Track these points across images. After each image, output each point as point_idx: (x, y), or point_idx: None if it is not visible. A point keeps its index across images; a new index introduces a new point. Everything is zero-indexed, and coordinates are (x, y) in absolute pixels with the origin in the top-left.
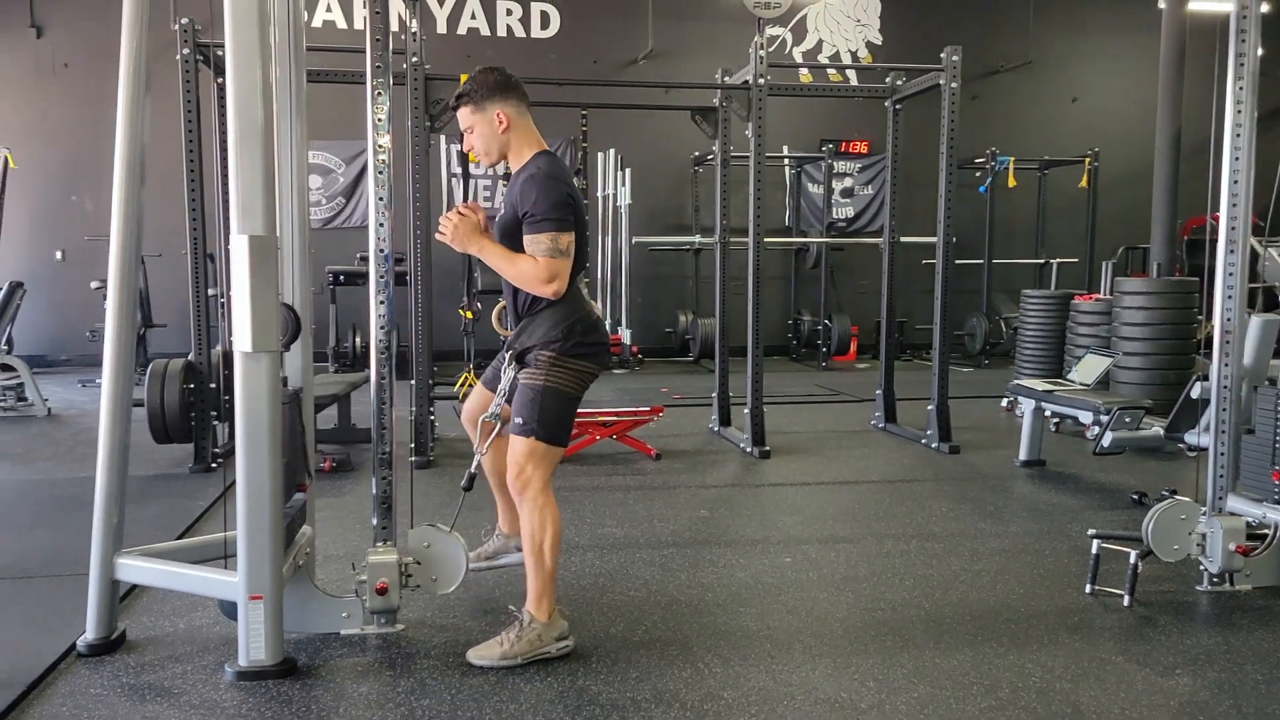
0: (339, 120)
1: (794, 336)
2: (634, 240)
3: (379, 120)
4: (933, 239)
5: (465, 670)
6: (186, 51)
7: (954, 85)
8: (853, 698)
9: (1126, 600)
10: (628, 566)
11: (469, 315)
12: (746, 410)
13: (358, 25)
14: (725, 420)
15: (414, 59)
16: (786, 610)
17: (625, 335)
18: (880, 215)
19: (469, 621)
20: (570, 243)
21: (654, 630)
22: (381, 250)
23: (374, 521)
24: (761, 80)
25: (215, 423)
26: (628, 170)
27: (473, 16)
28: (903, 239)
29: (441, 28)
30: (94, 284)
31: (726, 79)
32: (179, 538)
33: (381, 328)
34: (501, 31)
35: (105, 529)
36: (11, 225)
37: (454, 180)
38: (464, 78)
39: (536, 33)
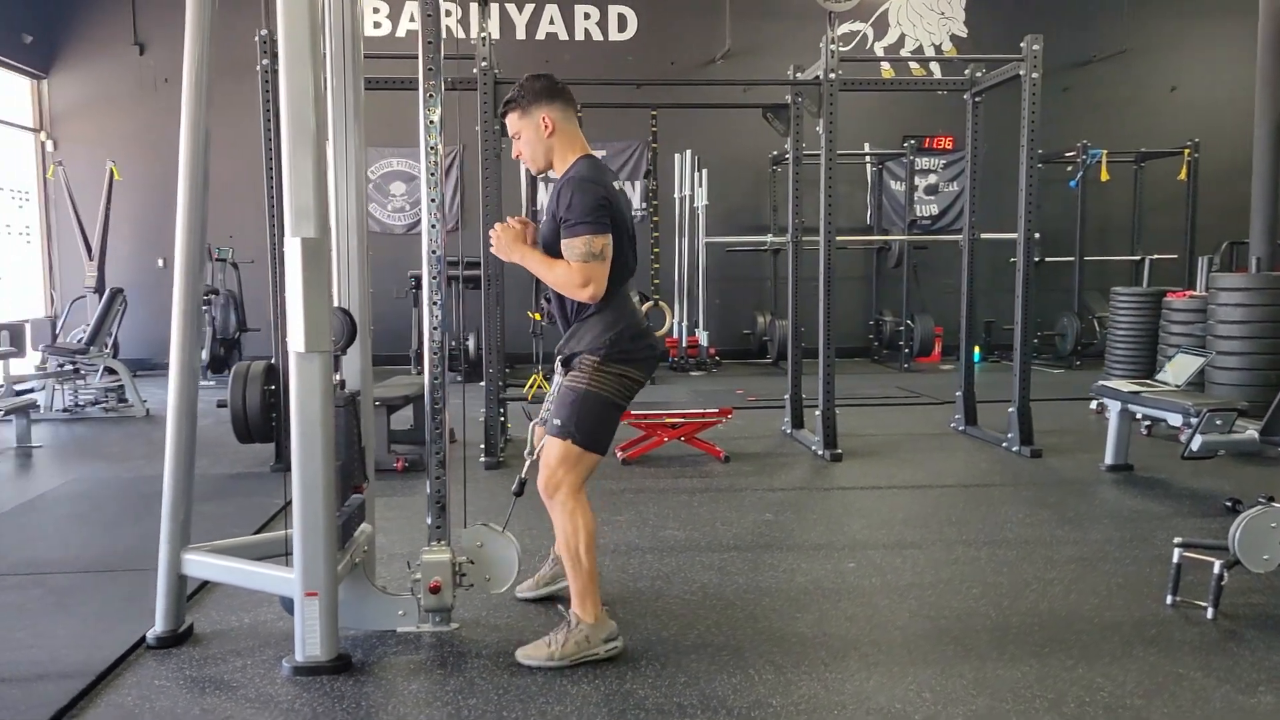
0: None
1: (875, 337)
2: (709, 241)
3: (431, 123)
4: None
5: (513, 671)
6: (265, 62)
7: (1035, 75)
8: (906, 709)
9: (1210, 612)
10: (686, 569)
11: (538, 317)
12: (818, 412)
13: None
14: (798, 423)
15: (483, 63)
16: (845, 617)
17: (703, 337)
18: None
19: (522, 622)
20: (606, 245)
21: (707, 635)
22: (434, 252)
23: (428, 521)
24: (832, 75)
25: None
26: (704, 171)
27: (551, 21)
28: (989, 236)
29: (520, 34)
30: None
31: (798, 75)
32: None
33: (434, 328)
34: (580, 35)
35: (173, 525)
36: (116, 234)
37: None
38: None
39: (614, 35)
